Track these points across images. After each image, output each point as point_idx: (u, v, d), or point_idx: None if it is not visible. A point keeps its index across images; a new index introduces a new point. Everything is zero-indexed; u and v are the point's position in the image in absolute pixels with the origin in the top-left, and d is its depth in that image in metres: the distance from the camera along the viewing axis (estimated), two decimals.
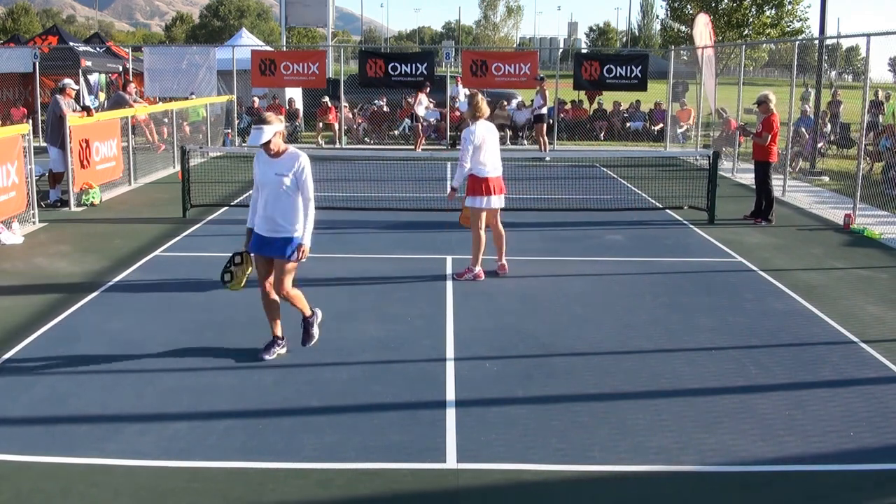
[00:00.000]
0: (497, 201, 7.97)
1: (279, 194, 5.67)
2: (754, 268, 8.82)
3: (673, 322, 6.95)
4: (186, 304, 7.23)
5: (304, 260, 5.80)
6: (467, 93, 25.34)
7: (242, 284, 6.05)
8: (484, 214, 7.99)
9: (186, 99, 19.58)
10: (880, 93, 20.94)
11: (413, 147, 19.27)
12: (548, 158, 18.08)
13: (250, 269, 6.01)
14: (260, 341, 6.29)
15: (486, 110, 7.90)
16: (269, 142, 5.60)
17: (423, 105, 19.33)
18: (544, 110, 18.82)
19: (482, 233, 8.01)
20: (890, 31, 11.02)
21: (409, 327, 6.69)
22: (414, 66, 21.18)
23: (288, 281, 5.83)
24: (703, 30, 19.64)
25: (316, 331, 6.15)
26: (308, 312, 6.10)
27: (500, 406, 5.21)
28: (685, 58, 21.85)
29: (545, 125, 18.89)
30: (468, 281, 8.04)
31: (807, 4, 40.10)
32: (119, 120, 13.85)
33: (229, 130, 20.49)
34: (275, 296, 5.88)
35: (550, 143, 20.82)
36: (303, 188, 5.73)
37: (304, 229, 5.76)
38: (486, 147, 7.81)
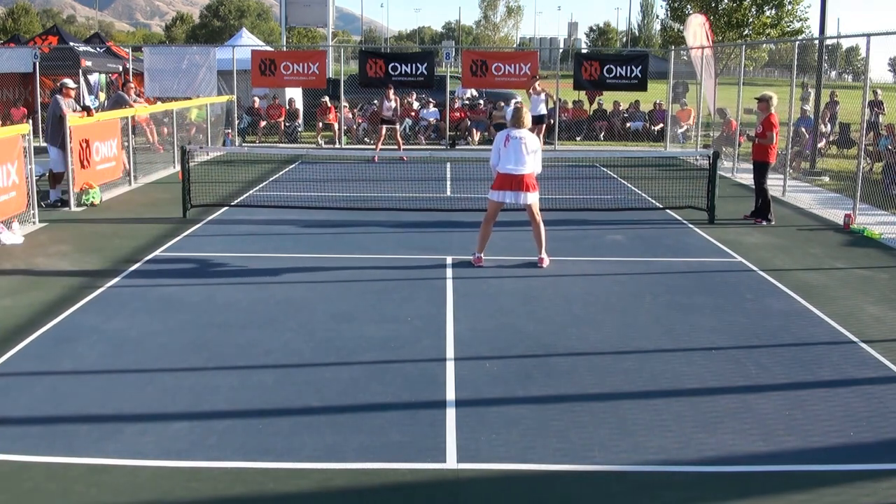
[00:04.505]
0: (497, 196, 8.49)
1: None
2: (754, 268, 8.83)
3: (673, 322, 6.95)
4: (186, 304, 7.23)
5: None
6: (474, 93, 25.38)
7: None
8: (491, 204, 8.61)
9: (188, 99, 19.59)
10: (880, 92, 20.95)
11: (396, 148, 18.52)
12: None
13: None
14: (260, 341, 6.30)
15: (526, 123, 8.64)
16: None
17: (391, 105, 18.41)
18: (542, 111, 18.74)
19: (486, 221, 8.63)
20: (890, 31, 11.01)
21: (409, 327, 6.69)
22: (414, 66, 21.17)
23: None
24: (697, 30, 19.58)
25: None
26: None
27: (500, 406, 5.21)
28: (685, 58, 21.84)
29: (544, 126, 18.84)
30: (470, 279, 8.06)
31: (807, 4, 40.04)
32: (119, 120, 13.85)
33: (229, 130, 20.50)
34: None
35: (550, 143, 20.81)
36: None
37: None
38: (507, 148, 8.46)
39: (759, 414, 5.15)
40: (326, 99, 22.65)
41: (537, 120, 18.77)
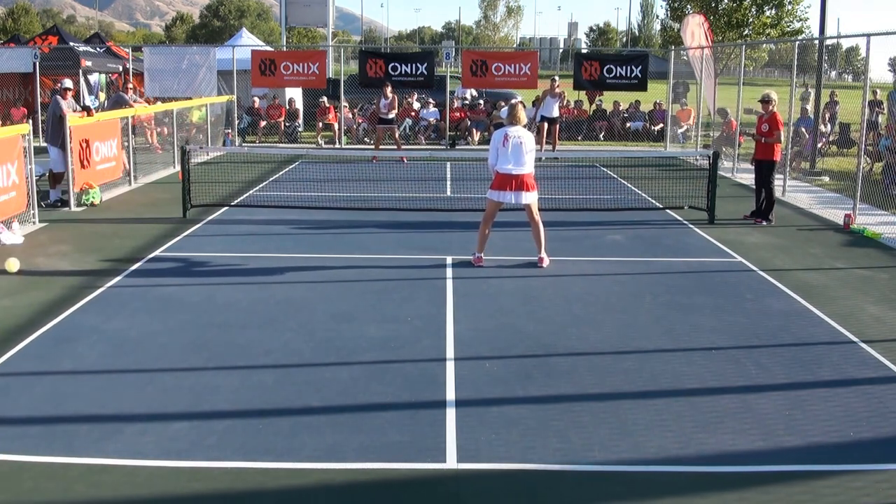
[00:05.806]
0: (497, 196, 8.48)
1: None
2: (754, 268, 8.83)
3: (673, 322, 6.95)
4: (186, 304, 7.23)
5: None
6: (474, 93, 25.44)
7: None
8: (490, 204, 8.61)
9: (188, 99, 19.59)
10: (879, 92, 20.94)
11: (396, 147, 18.50)
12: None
13: None
14: (260, 341, 6.30)
15: (522, 119, 8.66)
16: None
17: (387, 102, 18.35)
18: (556, 112, 18.93)
19: (485, 221, 8.62)
20: (890, 31, 11.01)
21: (409, 327, 6.69)
22: (414, 66, 21.17)
23: None
24: (696, 29, 19.57)
25: None
26: None
27: (500, 406, 5.21)
28: (685, 58, 21.84)
29: (557, 126, 19.16)
30: (470, 279, 8.06)
31: (807, 4, 40.07)
32: (119, 120, 13.85)
33: (229, 130, 20.50)
34: None
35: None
36: None
37: None
38: (505, 148, 8.45)
39: (759, 414, 5.15)
40: (325, 99, 22.64)
41: (552, 121, 18.84)
